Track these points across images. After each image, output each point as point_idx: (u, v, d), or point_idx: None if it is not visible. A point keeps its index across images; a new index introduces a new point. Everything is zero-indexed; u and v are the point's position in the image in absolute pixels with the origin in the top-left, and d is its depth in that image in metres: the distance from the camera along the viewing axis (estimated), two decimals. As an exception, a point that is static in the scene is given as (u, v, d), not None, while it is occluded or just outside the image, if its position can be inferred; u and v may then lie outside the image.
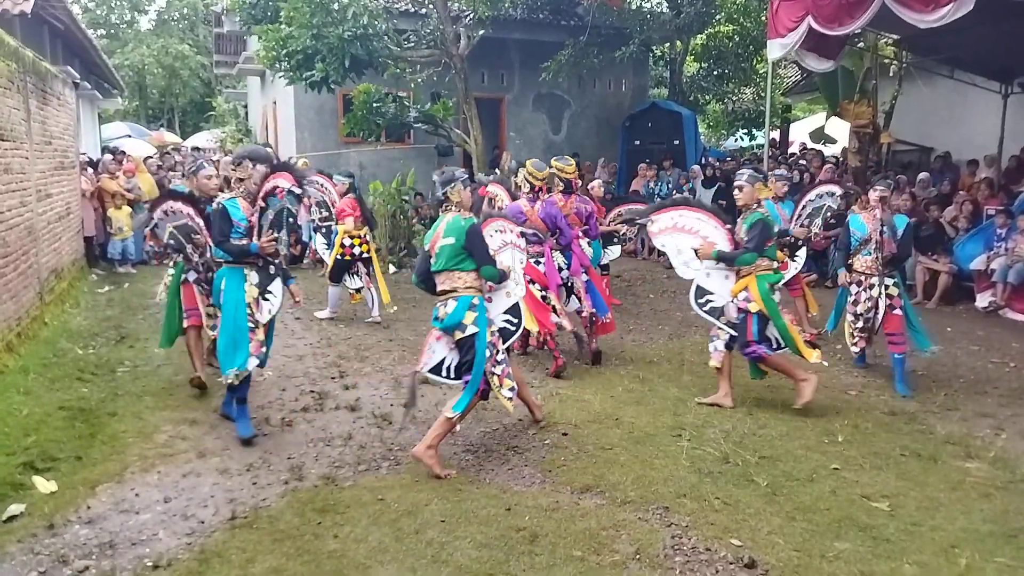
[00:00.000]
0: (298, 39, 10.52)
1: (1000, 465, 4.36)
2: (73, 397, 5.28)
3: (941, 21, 7.06)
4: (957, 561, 3.32)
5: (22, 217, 6.74)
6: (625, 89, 16.50)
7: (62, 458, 4.27)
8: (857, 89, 11.06)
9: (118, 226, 10.63)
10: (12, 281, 6.27)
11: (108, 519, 3.62)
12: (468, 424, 4.92)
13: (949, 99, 12.42)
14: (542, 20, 14.28)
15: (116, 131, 22.37)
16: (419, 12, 13.20)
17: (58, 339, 6.75)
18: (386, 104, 11.94)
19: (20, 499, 3.77)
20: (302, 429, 4.83)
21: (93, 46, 15.41)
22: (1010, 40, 9.46)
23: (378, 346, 6.85)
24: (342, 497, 3.86)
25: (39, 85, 7.84)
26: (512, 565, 3.25)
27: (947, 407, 5.37)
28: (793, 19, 8.90)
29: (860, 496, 3.93)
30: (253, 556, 3.30)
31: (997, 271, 8.34)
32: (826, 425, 4.93)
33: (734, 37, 15.30)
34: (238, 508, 3.73)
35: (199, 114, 33.43)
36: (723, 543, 3.44)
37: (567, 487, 4.02)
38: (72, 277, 9.03)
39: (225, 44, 22.72)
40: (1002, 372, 6.28)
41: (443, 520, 3.62)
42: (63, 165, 8.93)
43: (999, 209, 8.90)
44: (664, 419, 5.01)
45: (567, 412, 5.13)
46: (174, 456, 4.35)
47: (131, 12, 36.55)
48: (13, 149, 6.56)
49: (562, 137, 16.04)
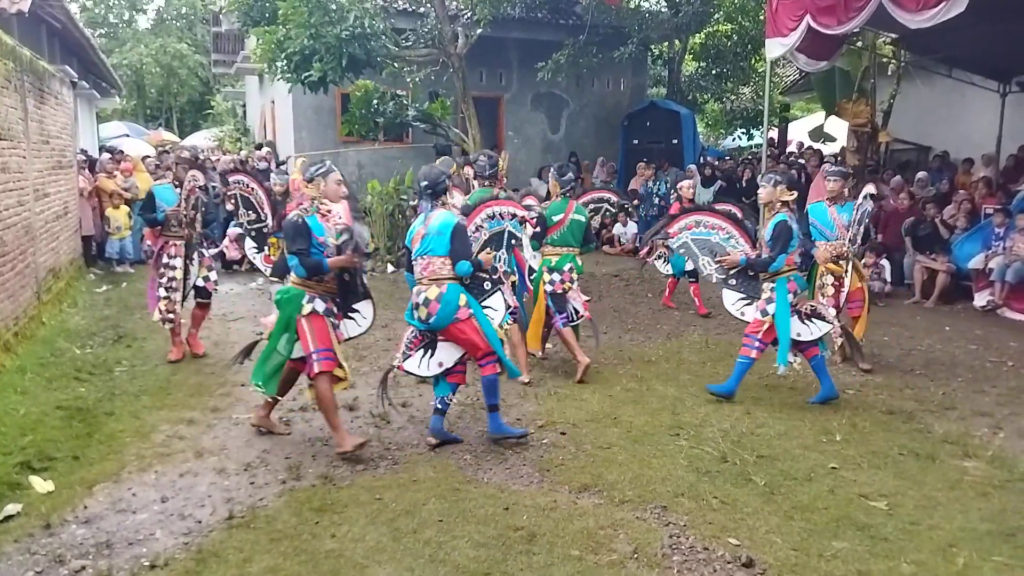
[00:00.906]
0: (296, 39, 10.51)
1: (998, 464, 4.36)
2: (70, 397, 5.27)
3: (931, 21, 7.07)
4: (955, 560, 3.32)
5: (20, 216, 6.73)
6: (623, 88, 16.50)
7: (59, 458, 4.26)
8: (855, 88, 11.07)
9: (116, 225, 10.61)
10: (9, 280, 6.26)
11: (105, 519, 3.62)
12: (466, 423, 4.93)
13: (947, 98, 12.43)
14: (540, 19, 14.27)
15: (114, 130, 22.34)
16: (417, 11, 13.19)
17: (55, 339, 6.74)
18: (384, 103, 11.93)
19: (17, 499, 3.77)
20: (300, 429, 4.83)
21: (91, 45, 15.37)
22: (1008, 39, 9.47)
23: (376, 346, 6.84)
24: (340, 496, 3.86)
25: (37, 84, 7.82)
26: (510, 564, 3.25)
27: (945, 406, 5.37)
28: (792, 18, 8.90)
29: (858, 495, 3.92)
30: (250, 556, 3.30)
31: (995, 270, 8.35)
32: (824, 424, 4.93)
33: (732, 36, 15.32)
34: (235, 508, 3.73)
35: (197, 113, 33.42)
36: (721, 542, 3.44)
37: (565, 486, 4.01)
38: (70, 276, 9.01)
39: (223, 43, 22.69)
40: (1000, 371, 6.28)
41: (441, 519, 3.62)
42: (61, 164, 8.92)
43: (997, 208, 8.90)
44: (662, 418, 5.01)
45: (565, 411, 5.13)
46: (171, 456, 4.35)
47: (129, 11, 36.56)
48: (10, 148, 6.55)
49: (560, 136, 16.04)
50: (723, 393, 5.36)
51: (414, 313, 4.48)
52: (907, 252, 9.53)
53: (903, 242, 9.58)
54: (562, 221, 5.89)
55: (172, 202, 6.07)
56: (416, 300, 4.43)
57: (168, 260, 6.11)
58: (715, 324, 7.79)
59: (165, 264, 6.10)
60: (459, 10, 12.70)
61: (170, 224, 6.08)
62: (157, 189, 6.19)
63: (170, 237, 6.10)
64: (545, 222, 5.86)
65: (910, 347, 7.00)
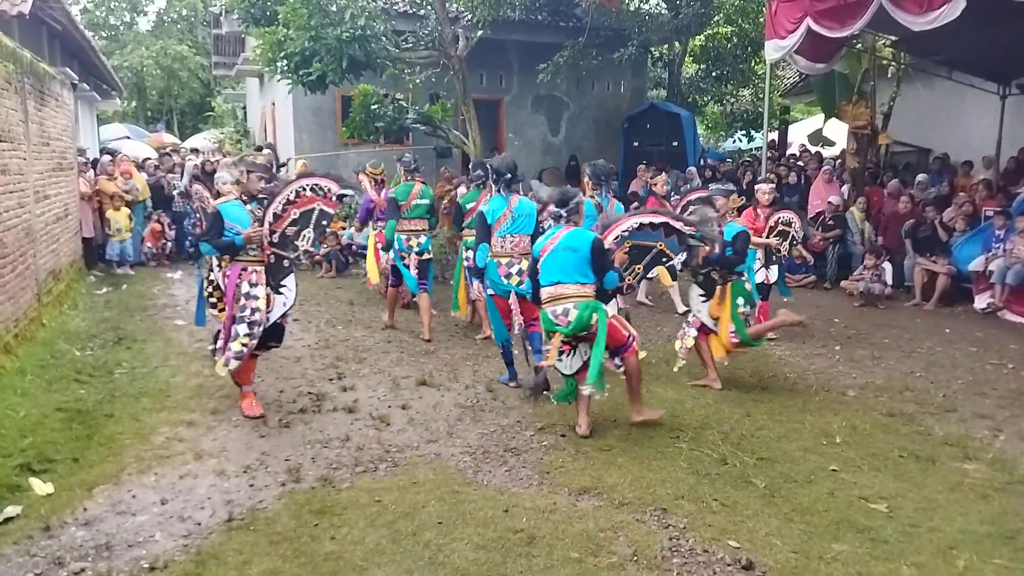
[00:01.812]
0: (296, 41, 10.51)
1: (998, 466, 4.36)
2: (70, 399, 5.27)
3: (934, 24, 7.07)
4: (955, 563, 3.32)
5: (20, 218, 6.73)
6: (624, 90, 16.51)
7: (59, 460, 4.26)
8: (855, 91, 11.08)
9: (116, 227, 10.62)
10: (10, 282, 6.26)
11: (105, 521, 3.62)
12: (466, 426, 4.92)
13: (947, 100, 12.43)
14: (541, 21, 14.28)
15: (115, 132, 22.37)
16: (417, 13, 13.19)
17: (56, 340, 6.74)
18: (385, 105, 11.93)
19: (16, 501, 3.76)
20: (299, 431, 4.82)
21: (92, 47, 15.38)
22: (1008, 42, 9.48)
23: (376, 348, 6.84)
24: (339, 499, 3.86)
25: (37, 86, 7.83)
26: (509, 567, 3.24)
27: (945, 408, 5.37)
28: (792, 20, 8.91)
29: (858, 497, 3.92)
30: (250, 558, 3.29)
31: (995, 272, 8.34)
32: (824, 426, 4.93)
33: (732, 38, 15.32)
34: (235, 510, 3.72)
35: (198, 115, 33.41)
36: (721, 545, 3.44)
37: (565, 488, 4.01)
38: (70, 278, 9.01)
39: (223, 45, 22.70)
40: (1000, 373, 6.28)
41: (440, 522, 3.61)
42: (61, 166, 8.93)
43: (997, 210, 8.91)
44: (662, 420, 5.00)
45: (565, 413, 5.12)
46: (171, 458, 4.34)
47: (130, 13, 36.56)
48: (11, 150, 6.55)
49: (561, 138, 16.05)
50: None
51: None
52: (907, 254, 9.55)
53: (903, 244, 9.59)
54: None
55: (244, 221, 5.03)
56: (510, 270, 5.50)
57: (249, 290, 5.02)
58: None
59: (246, 295, 5.01)
60: (459, 12, 12.71)
61: (247, 247, 5.09)
62: (225, 207, 5.08)
63: (248, 262, 5.06)
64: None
65: (910, 349, 7.00)
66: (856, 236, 10.26)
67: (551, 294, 4.68)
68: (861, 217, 10.35)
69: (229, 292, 5.01)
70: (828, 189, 10.82)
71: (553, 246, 4.69)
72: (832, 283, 10.06)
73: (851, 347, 7.04)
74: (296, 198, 5.13)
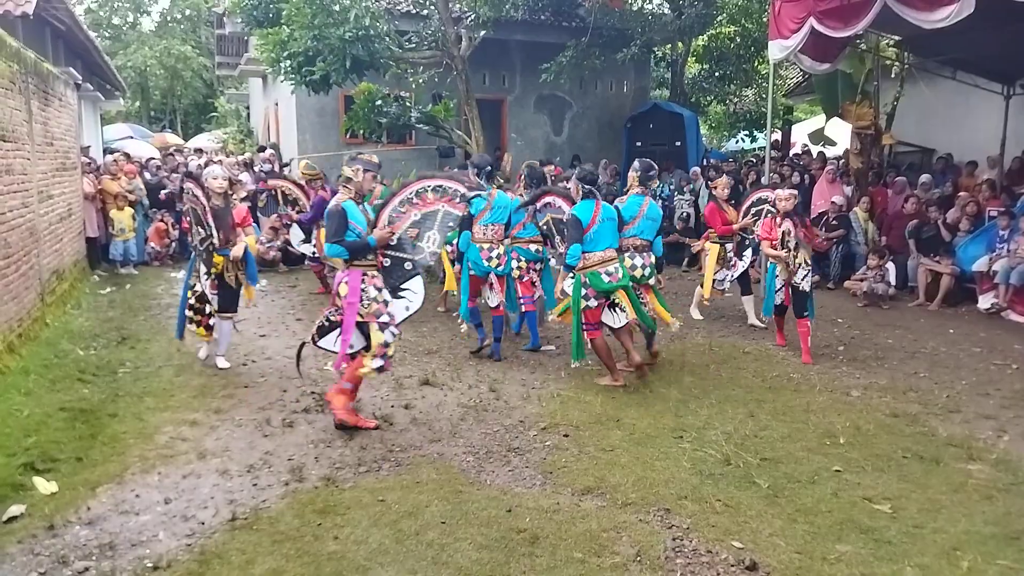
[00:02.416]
0: (299, 41, 10.52)
1: (1002, 467, 4.35)
2: (74, 398, 5.28)
3: (945, 22, 7.03)
4: (959, 564, 3.31)
5: (24, 218, 6.74)
6: (627, 90, 16.50)
7: (63, 459, 4.27)
8: (859, 91, 11.05)
9: (120, 227, 10.63)
10: (14, 282, 6.27)
11: (108, 520, 3.62)
12: (469, 425, 4.92)
13: (951, 100, 12.39)
14: (543, 21, 14.28)
15: (118, 132, 22.40)
16: (420, 14, 13.20)
17: (59, 340, 6.75)
18: (388, 105, 11.94)
19: (21, 500, 3.77)
20: (303, 430, 4.83)
21: (95, 47, 15.43)
22: (1012, 42, 9.44)
23: (379, 347, 6.84)
24: (342, 498, 3.86)
25: (41, 86, 7.85)
26: (512, 567, 3.24)
27: (949, 409, 5.36)
28: (794, 20, 8.89)
29: (862, 498, 3.92)
30: (253, 557, 3.30)
31: (999, 273, 8.32)
32: (828, 427, 4.92)
33: (735, 38, 15.31)
34: (238, 509, 3.73)
35: (201, 115, 33.46)
36: (724, 545, 3.43)
37: (568, 489, 4.01)
38: (74, 278, 9.03)
39: (227, 45, 22.75)
40: (1004, 374, 6.26)
41: (444, 522, 3.61)
42: (65, 166, 8.94)
43: (1001, 211, 8.89)
44: (665, 421, 5.00)
45: (568, 413, 5.12)
46: (174, 457, 4.35)
47: (133, 13, 36.61)
48: (15, 150, 6.57)
49: (563, 138, 16.04)
50: None
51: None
52: (911, 255, 9.53)
53: (907, 245, 9.57)
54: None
55: (361, 222, 4.83)
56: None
57: (377, 294, 4.83)
58: (719, 327, 7.79)
59: (374, 299, 4.82)
60: (463, 12, 12.71)
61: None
62: (348, 205, 4.79)
63: (366, 267, 4.87)
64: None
65: (914, 350, 6.98)
66: (860, 236, 10.25)
67: (604, 257, 5.56)
68: (865, 217, 10.34)
69: (354, 297, 4.75)
70: (831, 189, 10.80)
71: (598, 217, 5.57)
72: (836, 283, 10.04)
73: (855, 347, 7.03)
74: (416, 199, 5.03)
